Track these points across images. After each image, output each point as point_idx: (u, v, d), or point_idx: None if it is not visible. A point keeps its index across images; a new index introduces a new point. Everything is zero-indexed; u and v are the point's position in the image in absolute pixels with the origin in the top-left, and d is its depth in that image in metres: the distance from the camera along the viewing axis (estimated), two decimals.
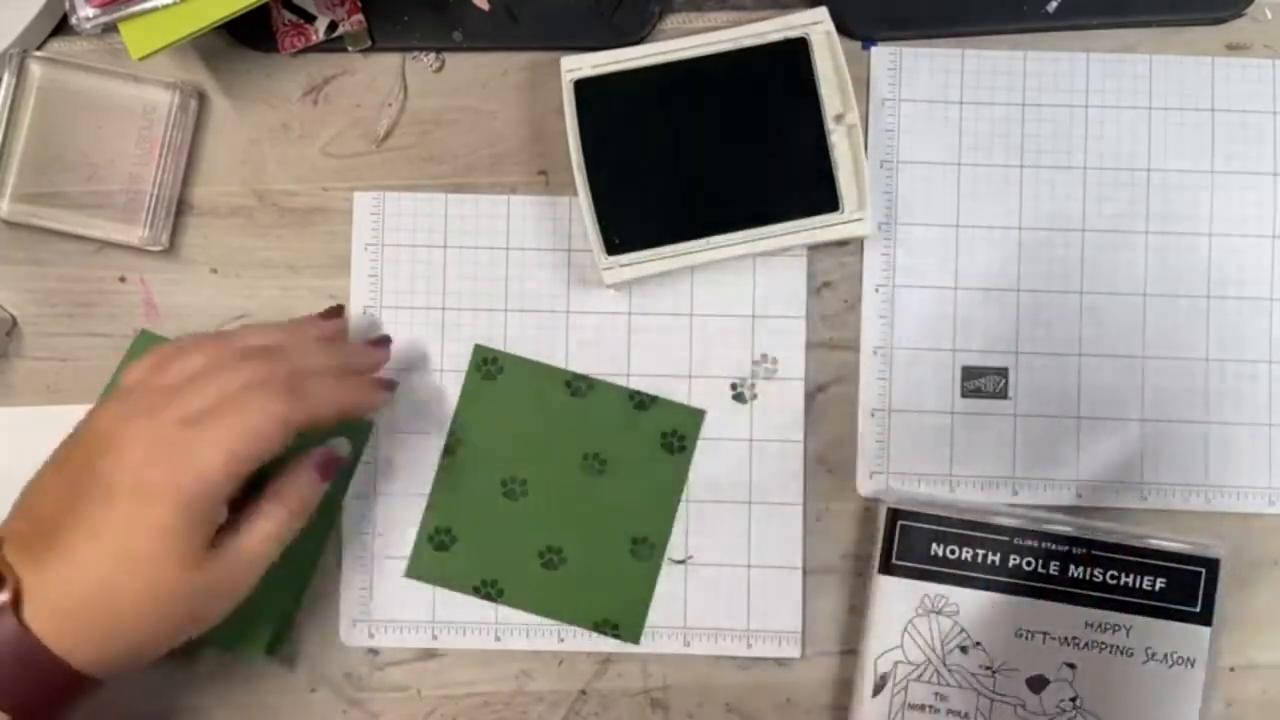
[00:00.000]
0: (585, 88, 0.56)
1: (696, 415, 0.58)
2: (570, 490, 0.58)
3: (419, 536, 0.58)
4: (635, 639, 0.57)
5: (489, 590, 0.57)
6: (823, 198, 0.56)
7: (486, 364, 0.58)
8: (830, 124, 0.56)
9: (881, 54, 0.58)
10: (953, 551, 0.56)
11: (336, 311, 0.57)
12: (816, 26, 0.56)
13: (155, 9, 0.52)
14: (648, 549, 0.57)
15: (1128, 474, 0.58)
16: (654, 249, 0.56)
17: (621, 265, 0.56)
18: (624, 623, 0.57)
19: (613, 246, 0.56)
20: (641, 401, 0.58)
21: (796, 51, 0.56)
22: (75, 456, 0.48)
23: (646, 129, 0.56)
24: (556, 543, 0.57)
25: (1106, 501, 0.58)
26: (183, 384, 0.48)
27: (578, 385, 0.58)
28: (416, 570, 0.58)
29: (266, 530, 0.49)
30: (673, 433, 0.58)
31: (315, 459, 0.51)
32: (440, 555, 0.58)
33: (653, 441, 0.58)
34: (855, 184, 0.56)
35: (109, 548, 0.45)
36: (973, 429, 0.58)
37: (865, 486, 0.58)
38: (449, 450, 0.58)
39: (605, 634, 0.57)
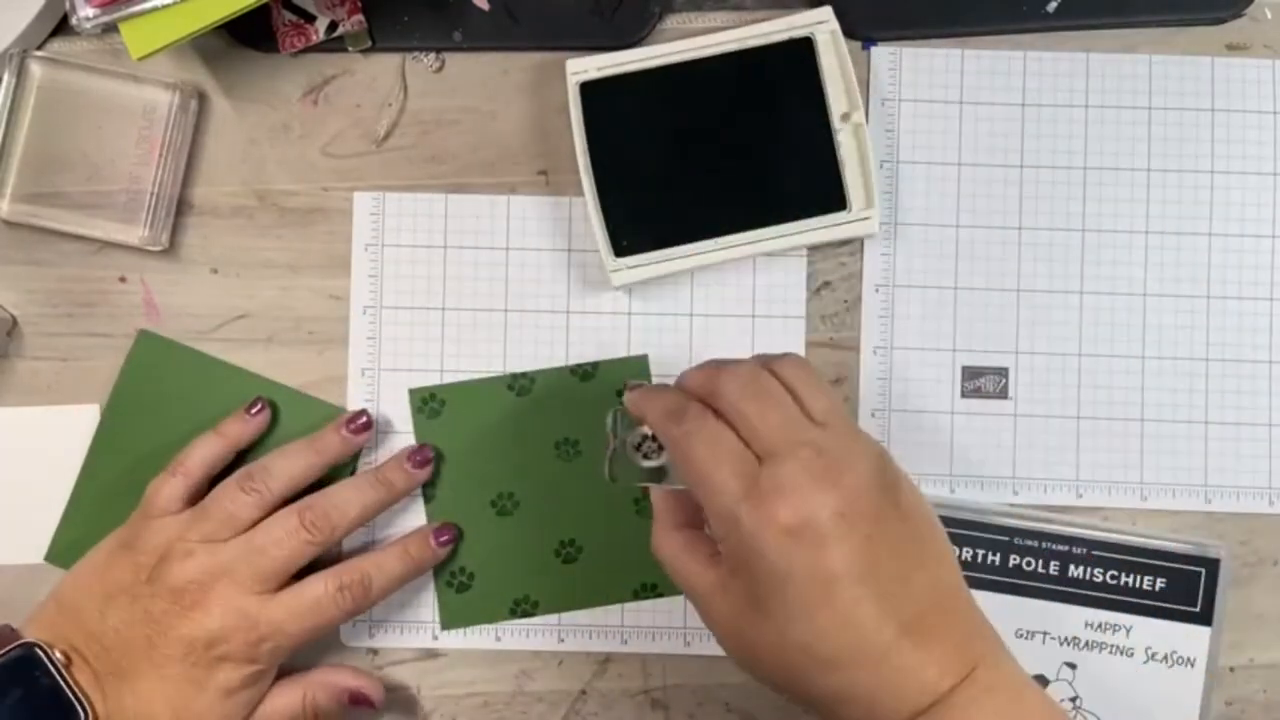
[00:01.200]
0: (590, 90, 0.56)
1: (641, 361, 0.58)
2: (557, 483, 0.58)
3: (438, 588, 0.57)
4: (677, 591, 0.57)
5: (525, 607, 0.57)
6: (830, 197, 0.56)
7: (427, 403, 0.58)
8: (836, 123, 0.56)
9: (881, 54, 0.58)
10: (953, 551, 0.56)
11: (364, 424, 0.56)
12: (821, 26, 0.56)
13: (155, 9, 0.52)
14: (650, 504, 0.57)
15: (1128, 474, 0.58)
16: (662, 250, 0.56)
17: (629, 267, 0.56)
18: (660, 580, 0.57)
19: (620, 248, 0.56)
20: (585, 372, 0.58)
21: (801, 51, 0.56)
22: (147, 596, 0.51)
23: (652, 130, 0.56)
24: (567, 536, 0.58)
25: (1106, 501, 0.58)
26: (239, 538, 0.52)
27: (520, 384, 0.58)
28: (449, 620, 0.57)
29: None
30: (626, 387, 0.58)
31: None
32: (465, 596, 0.57)
33: (611, 404, 0.58)
34: (862, 183, 0.56)
35: (172, 703, 0.50)
36: (973, 429, 0.58)
37: None
38: (429, 498, 0.58)
39: (648, 597, 0.57)
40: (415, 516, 0.58)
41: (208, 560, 0.51)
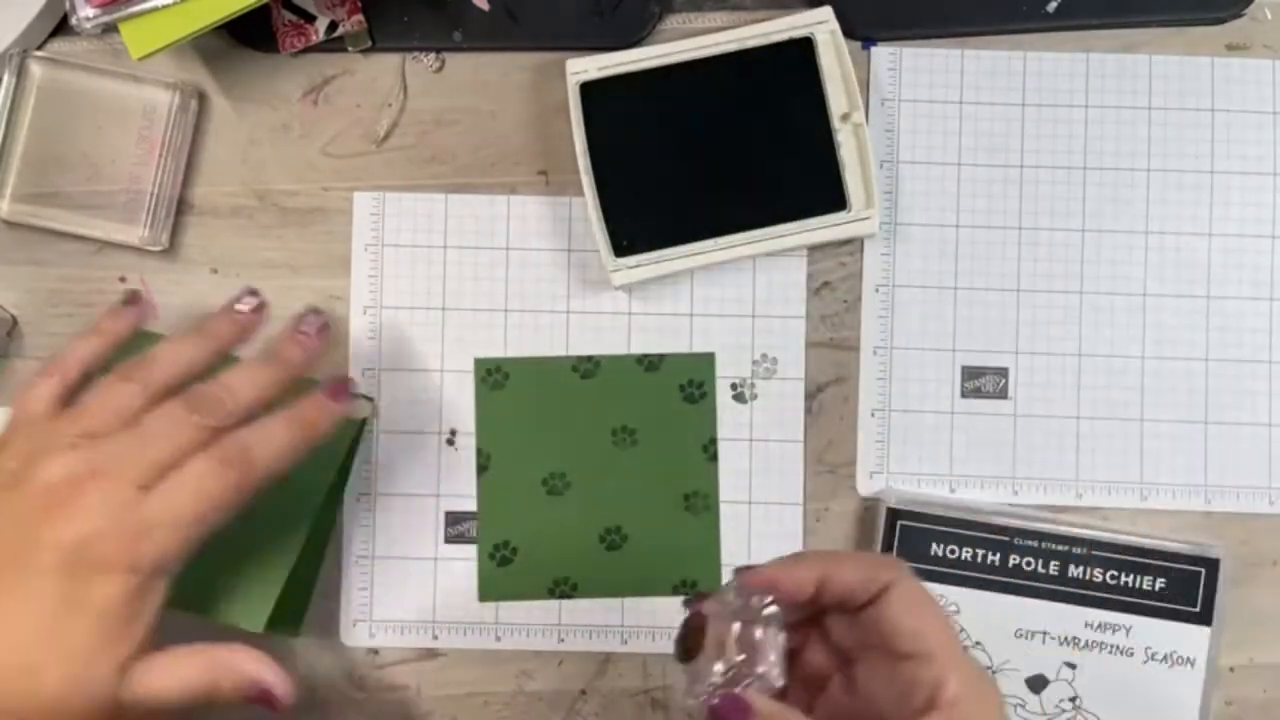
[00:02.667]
0: (590, 90, 0.56)
1: (707, 359, 0.58)
2: (610, 469, 0.58)
3: (480, 558, 0.58)
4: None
5: (564, 589, 0.58)
6: (830, 197, 0.56)
7: (491, 374, 0.58)
8: (836, 123, 0.56)
9: (881, 54, 0.58)
10: (952, 551, 0.56)
11: (258, 305, 0.51)
12: (821, 26, 0.56)
13: (155, 9, 0.52)
14: (701, 500, 0.58)
15: (1127, 474, 0.58)
16: (662, 250, 0.56)
17: (630, 267, 0.56)
18: (702, 578, 0.58)
19: (621, 249, 0.56)
20: (651, 363, 0.58)
21: (801, 51, 0.56)
22: (15, 498, 0.44)
23: (652, 131, 0.56)
24: (613, 523, 0.58)
25: (1106, 501, 0.58)
26: (121, 431, 0.45)
27: (585, 367, 0.58)
28: (488, 592, 0.58)
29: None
30: (689, 383, 0.58)
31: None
32: (507, 570, 0.58)
33: (673, 398, 0.58)
34: (862, 183, 0.56)
35: (41, 627, 0.42)
36: (973, 429, 0.58)
37: (865, 486, 0.58)
38: (483, 468, 0.58)
39: (686, 593, 0.57)
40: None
41: (84, 454, 0.44)
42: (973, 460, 0.58)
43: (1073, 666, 0.55)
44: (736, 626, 0.42)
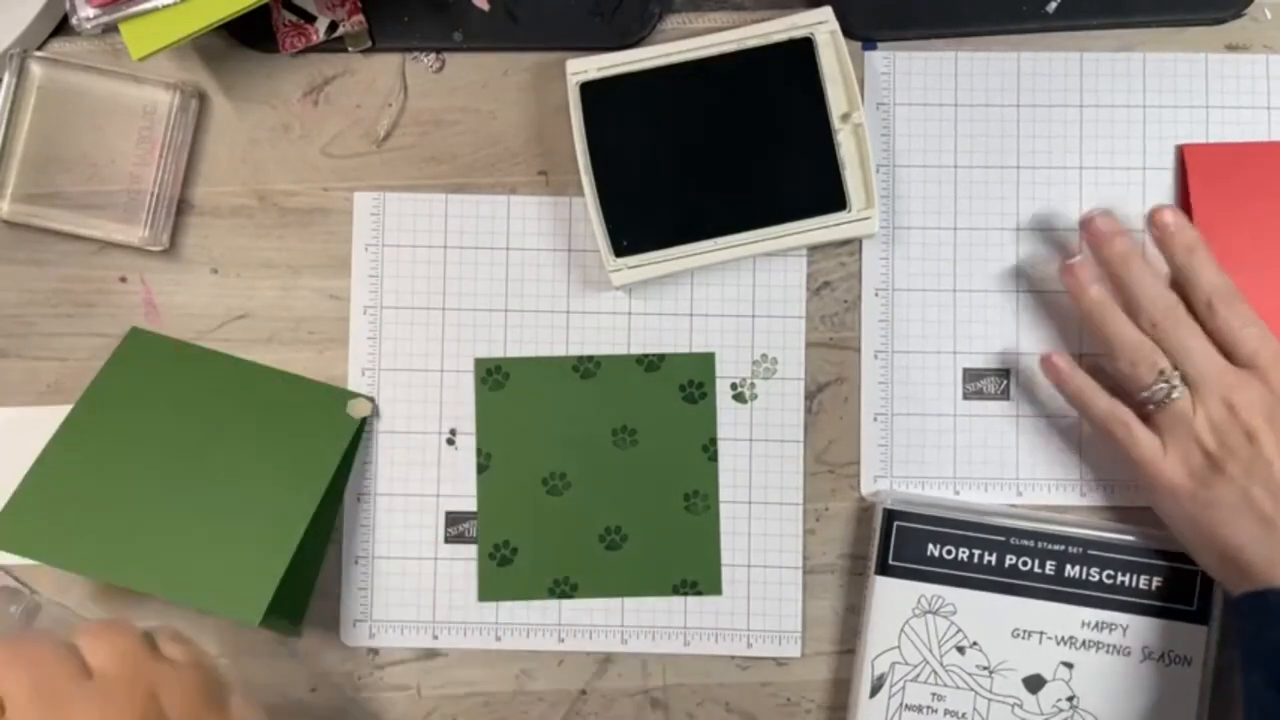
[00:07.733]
0: (590, 90, 0.56)
1: (707, 359, 0.58)
2: (610, 469, 0.58)
3: (480, 558, 0.58)
4: (717, 590, 0.58)
5: (564, 589, 0.58)
6: (830, 197, 0.56)
7: (491, 374, 0.58)
8: (836, 123, 0.56)
9: (876, 58, 0.58)
10: (949, 552, 0.56)
11: None
12: (821, 26, 0.56)
13: (155, 9, 0.52)
14: (701, 501, 0.58)
15: (1129, 473, 0.58)
16: (662, 250, 0.56)
17: (630, 267, 0.56)
18: (701, 578, 0.58)
19: (620, 249, 0.56)
20: (651, 363, 0.58)
21: (801, 51, 0.56)
22: None
23: (652, 130, 0.56)
24: (613, 523, 0.58)
25: (1107, 501, 0.58)
26: None
27: (585, 367, 0.58)
28: (488, 592, 0.58)
29: None
30: (689, 383, 0.58)
31: None
32: (506, 570, 0.58)
33: (673, 397, 0.58)
34: (862, 183, 0.56)
35: None
36: (975, 431, 0.58)
37: (869, 490, 0.58)
38: (482, 468, 0.58)
39: (686, 594, 0.58)
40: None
41: None
42: (976, 462, 0.58)
43: (1070, 666, 0.56)
44: None
